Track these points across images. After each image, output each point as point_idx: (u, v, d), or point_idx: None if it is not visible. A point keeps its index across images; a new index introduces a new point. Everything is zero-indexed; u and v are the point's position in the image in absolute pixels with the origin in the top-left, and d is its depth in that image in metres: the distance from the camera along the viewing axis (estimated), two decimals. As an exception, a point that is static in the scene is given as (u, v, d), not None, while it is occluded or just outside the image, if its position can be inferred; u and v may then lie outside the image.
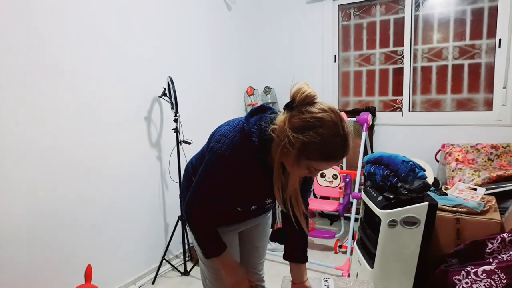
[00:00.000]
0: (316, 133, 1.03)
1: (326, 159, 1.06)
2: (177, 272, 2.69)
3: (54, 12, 1.97)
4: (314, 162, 1.07)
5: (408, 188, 1.90)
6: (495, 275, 1.77)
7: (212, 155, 1.17)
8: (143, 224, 2.57)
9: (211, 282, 1.44)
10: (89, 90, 2.17)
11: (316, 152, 1.04)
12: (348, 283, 1.64)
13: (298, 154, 1.06)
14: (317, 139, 1.03)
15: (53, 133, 1.99)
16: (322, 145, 1.03)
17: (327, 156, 1.06)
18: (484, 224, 1.96)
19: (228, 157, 1.14)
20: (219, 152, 1.14)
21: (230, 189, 1.23)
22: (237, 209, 1.32)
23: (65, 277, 2.06)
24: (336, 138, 1.04)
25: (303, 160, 1.07)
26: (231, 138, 1.15)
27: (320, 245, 3.11)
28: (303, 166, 1.09)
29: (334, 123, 1.04)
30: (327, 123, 1.04)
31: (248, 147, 1.13)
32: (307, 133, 1.03)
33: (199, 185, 1.23)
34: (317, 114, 1.05)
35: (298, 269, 1.38)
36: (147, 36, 2.55)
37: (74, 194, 2.11)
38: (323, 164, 1.08)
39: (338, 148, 1.05)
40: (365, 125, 2.93)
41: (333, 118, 1.05)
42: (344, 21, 3.57)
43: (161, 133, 2.70)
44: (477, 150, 2.81)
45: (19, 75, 1.83)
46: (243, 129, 1.15)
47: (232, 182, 1.20)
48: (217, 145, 1.16)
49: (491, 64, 2.97)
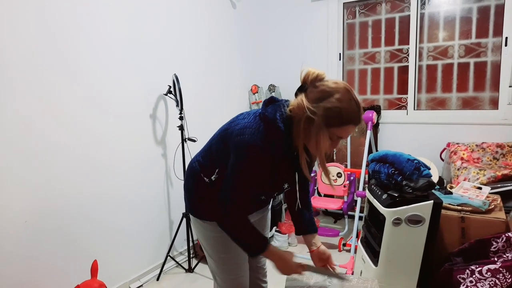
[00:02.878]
0: (335, 99, 1.12)
1: (347, 123, 1.14)
2: (181, 268, 2.70)
3: (66, 12, 1.98)
4: (335, 128, 1.14)
5: (413, 187, 1.89)
6: (499, 274, 1.77)
7: (242, 149, 1.18)
8: (148, 221, 2.59)
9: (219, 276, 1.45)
10: (96, 88, 2.19)
11: (337, 117, 1.12)
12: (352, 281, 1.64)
13: (320, 123, 1.13)
14: (336, 104, 1.12)
15: (60, 130, 2.01)
16: (341, 110, 1.12)
17: (348, 120, 1.14)
18: (489, 223, 1.95)
19: (260, 148, 1.16)
20: (250, 144, 1.16)
21: (263, 180, 1.24)
22: (262, 198, 1.35)
23: (71, 272, 2.08)
24: (352, 102, 1.14)
25: (325, 129, 1.14)
26: (257, 128, 1.17)
27: (324, 243, 3.08)
28: (325, 137, 1.15)
29: (347, 90, 1.15)
30: (342, 90, 1.14)
31: (276, 133, 1.17)
32: (326, 100, 1.13)
33: (236, 184, 1.22)
34: (331, 85, 1.15)
35: (313, 238, 1.47)
36: (152, 34, 2.56)
37: (80, 191, 2.13)
38: (344, 128, 1.15)
39: (355, 112, 1.14)
40: (370, 123, 2.92)
41: (346, 86, 1.15)
42: (349, 19, 3.56)
43: (166, 130, 2.72)
44: (482, 149, 2.80)
45: (30, 73, 1.85)
46: (266, 118, 1.19)
47: (266, 172, 1.22)
48: (245, 138, 1.16)
49: (497, 63, 2.95)
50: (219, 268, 1.45)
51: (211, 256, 1.45)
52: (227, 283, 1.46)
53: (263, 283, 1.66)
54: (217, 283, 1.50)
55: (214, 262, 1.45)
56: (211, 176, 1.33)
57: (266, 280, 1.67)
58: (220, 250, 1.41)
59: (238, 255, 1.42)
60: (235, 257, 1.42)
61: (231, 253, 1.41)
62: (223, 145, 1.27)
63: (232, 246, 1.36)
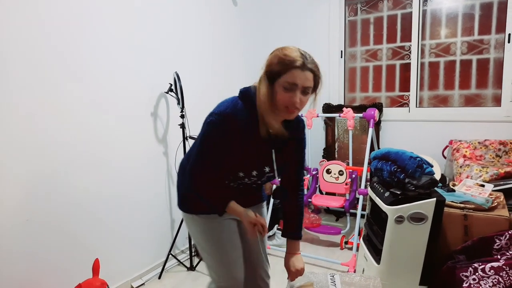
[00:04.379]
0: (277, 51, 1.26)
1: (288, 66, 1.20)
2: (183, 267, 2.70)
3: (67, 12, 1.97)
4: (282, 76, 1.22)
5: (416, 184, 1.88)
6: (503, 272, 1.76)
7: (212, 117, 1.29)
8: (149, 219, 2.59)
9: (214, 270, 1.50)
10: (97, 86, 2.18)
11: (278, 64, 1.22)
12: (354, 279, 1.63)
13: (265, 75, 1.25)
14: (278, 53, 1.24)
15: (61, 128, 2.01)
16: (279, 56, 1.23)
17: (288, 63, 1.20)
18: (492, 221, 1.94)
19: (230, 114, 1.27)
20: (220, 112, 1.28)
21: (231, 149, 1.30)
22: (239, 174, 1.36)
23: (73, 271, 2.08)
24: (294, 51, 1.23)
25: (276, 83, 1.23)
26: (231, 101, 1.31)
27: (326, 241, 3.11)
28: (279, 88, 1.23)
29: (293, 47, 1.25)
30: (286, 46, 1.27)
31: (248, 103, 1.29)
32: (269, 58, 1.26)
33: (201, 149, 1.32)
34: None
35: (293, 244, 1.54)
36: (153, 32, 2.55)
37: (82, 189, 2.12)
38: (288, 73, 1.21)
39: (296, 56, 1.21)
40: (372, 121, 2.91)
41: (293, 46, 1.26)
42: (350, 16, 3.54)
43: (168, 128, 2.71)
44: (485, 146, 2.79)
45: (32, 72, 1.84)
46: (240, 92, 1.34)
47: (233, 141, 1.29)
48: (218, 109, 1.29)
49: (500, 60, 2.94)
50: (212, 260, 1.48)
51: (204, 249, 1.49)
52: (221, 276, 1.49)
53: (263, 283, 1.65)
54: (212, 278, 1.53)
55: (208, 255, 1.48)
56: None
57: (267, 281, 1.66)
58: (212, 242, 1.45)
59: (231, 247, 1.46)
60: (229, 249, 1.46)
61: (223, 245, 1.45)
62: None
63: (224, 237, 1.44)
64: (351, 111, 3.03)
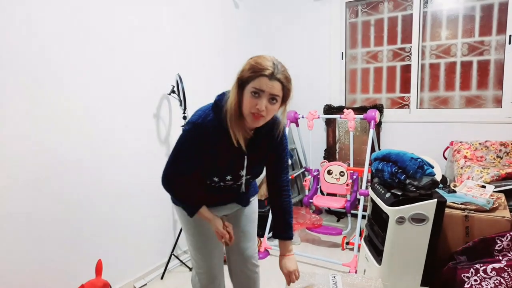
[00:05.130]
0: (250, 59, 1.30)
1: (256, 73, 1.25)
2: (185, 267, 2.71)
3: (68, 13, 1.99)
4: (250, 83, 1.26)
5: (417, 185, 1.89)
6: (504, 273, 1.77)
7: (186, 126, 1.38)
8: (152, 220, 2.60)
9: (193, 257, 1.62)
10: (99, 88, 2.19)
11: (248, 71, 1.27)
12: (356, 280, 1.64)
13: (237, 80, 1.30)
14: (249, 61, 1.29)
15: (64, 129, 2.02)
16: (251, 63, 1.28)
17: (256, 71, 1.25)
18: (493, 222, 1.95)
19: (203, 124, 1.33)
20: (194, 121, 1.34)
21: (203, 156, 1.37)
22: (214, 179, 1.42)
23: (76, 271, 2.09)
24: (266, 59, 1.27)
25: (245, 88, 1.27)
26: (204, 110, 1.38)
27: (327, 242, 3.11)
28: (247, 93, 1.27)
29: (262, 55, 1.30)
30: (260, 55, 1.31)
31: (220, 113, 1.33)
32: (243, 65, 1.31)
33: (175, 154, 1.40)
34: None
35: (284, 245, 1.56)
36: (155, 34, 2.57)
37: (84, 190, 2.13)
38: (255, 80, 1.25)
39: (266, 65, 1.25)
40: (373, 122, 2.92)
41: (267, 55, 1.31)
42: (351, 18, 3.56)
43: (170, 130, 2.72)
44: (486, 147, 2.79)
45: (35, 72, 1.86)
46: (214, 101, 1.39)
47: (205, 149, 1.35)
48: (191, 118, 1.37)
49: (501, 61, 2.95)
50: (191, 248, 1.61)
51: (187, 238, 1.62)
52: (198, 263, 1.61)
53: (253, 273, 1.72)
54: (192, 264, 1.66)
55: (189, 243, 1.61)
56: None
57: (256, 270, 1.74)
58: (192, 232, 1.58)
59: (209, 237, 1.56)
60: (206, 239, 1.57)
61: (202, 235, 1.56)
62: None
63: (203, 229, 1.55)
64: (352, 113, 3.05)
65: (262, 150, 1.46)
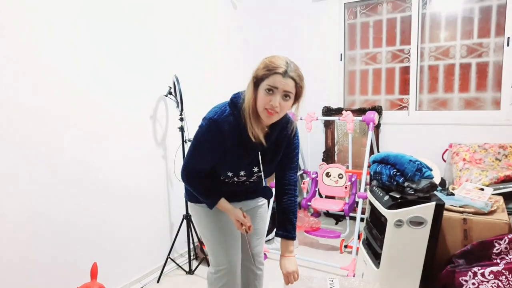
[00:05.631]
0: (264, 59, 1.37)
1: (270, 71, 1.31)
2: (182, 270, 2.69)
3: (67, 14, 1.98)
4: (264, 80, 1.32)
5: (415, 188, 1.88)
6: (502, 276, 1.76)
7: (203, 122, 1.41)
8: (148, 222, 2.58)
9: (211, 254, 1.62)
10: (95, 89, 2.18)
11: (262, 69, 1.33)
12: (354, 283, 1.63)
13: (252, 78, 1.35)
14: (264, 61, 1.36)
15: (59, 131, 2.00)
16: (265, 62, 1.34)
17: (270, 69, 1.31)
18: (492, 225, 1.94)
19: (220, 121, 1.37)
20: (211, 117, 1.39)
21: (219, 151, 1.41)
22: (228, 173, 1.48)
23: (71, 275, 2.07)
24: (280, 59, 1.33)
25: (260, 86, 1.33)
26: (221, 107, 1.42)
27: (325, 245, 3.10)
28: (262, 91, 1.33)
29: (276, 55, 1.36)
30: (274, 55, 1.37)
31: (236, 109, 1.39)
32: (258, 65, 1.37)
33: (193, 149, 1.45)
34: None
35: (285, 245, 1.58)
36: (152, 35, 2.56)
37: (79, 193, 2.12)
38: (269, 78, 1.31)
39: (280, 63, 1.31)
40: (371, 124, 2.91)
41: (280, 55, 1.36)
42: (350, 19, 3.55)
43: (167, 131, 2.71)
44: (484, 149, 2.78)
45: (33, 73, 1.84)
46: (231, 99, 1.43)
47: (221, 144, 1.39)
48: (208, 114, 1.41)
49: (499, 63, 2.94)
50: (210, 245, 1.61)
51: (204, 235, 1.62)
52: (217, 260, 1.60)
53: (258, 270, 1.77)
54: (210, 262, 1.64)
55: (207, 240, 1.61)
56: None
57: (261, 268, 1.78)
58: (210, 228, 1.59)
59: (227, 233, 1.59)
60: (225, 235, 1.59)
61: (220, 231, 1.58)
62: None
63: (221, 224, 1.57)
64: (350, 114, 3.03)
65: (276, 147, 1.51)
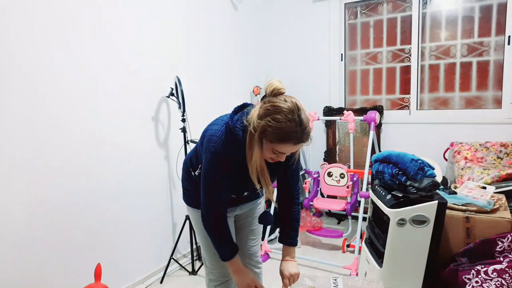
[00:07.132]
0: (273, 118, 1.19)
1: (282, 141, 1.21)
2: (185, 271, 2.70)
3: (67, 15, 1.99)
4: (274, 144, 1.22)
5: (417, 187, 1.88)
6: (506, 274, 1.76)
7: (208, 156, 1.33)
8: (151, 223, 2.58)
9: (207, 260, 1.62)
10: (98, 91, 2.19)
11: (272, 134, 1.20)
12: (357, 282, 1.63)
13: (259, 137, 1.22)
14: (273, 123, 1.19)
15: (61, 132, 2.01)
16: (277, 128, 1.18)
17: (283, 138, 1.20)
18: (494, 223, 1.94)
19: (221, 154, 1.30)
20: (213, 151, 1.30)
21: (226, 182, 1.38)
22: (232, 196, 1.46)
23: (75, 276, 2.08)
24: (291, 123, 1.19)
25: (266, 143, 1.23)
26: (220, 136, 1.31)
27: (327, 245, 3.10)
28: (267, 149, 1.25)
29: (290, 111, 1.20)
30: (284, 110, 1.19)
31: (234, 140, 1.29)
32: (266, 119, 1.20)
33: (207, 188, 1.38)
34: (277, 103, 1.21)
35: (288, 250, 1.58)
36: (154, 36, 2.56)
37: (82, 194, 2.13)
38: (281, 145, 1.22)
39: (292, 131, 1.19)
40: (373, 124, 2.91)
41: (290, 107, 1.20)
42: (350, 19, 3.56)
43: (169, 132, 2.71)
44: (486, 148, 2.79)
45: (34, 74, 1.85)
46: (228, 126, 1.31)
47: (228, 176, 1.35)
48: (210, 145, 1.31)
49: (500, 62, 2.94)
50: (205, 251, 1.60)
51: (200, 240, 1.60)
52: (211, 267, 1.61)
53: (257, 269, 1.76)
54: (206, 267, 1.64)
55: (203, 246, 1.59)
56: (195, 171, 1.49)
57: (260, 266, 1.78)
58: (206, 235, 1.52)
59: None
60: None
61: None
62: (201, 145, 1.41)
63: None
64: (351, 114, 3.04)
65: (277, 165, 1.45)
